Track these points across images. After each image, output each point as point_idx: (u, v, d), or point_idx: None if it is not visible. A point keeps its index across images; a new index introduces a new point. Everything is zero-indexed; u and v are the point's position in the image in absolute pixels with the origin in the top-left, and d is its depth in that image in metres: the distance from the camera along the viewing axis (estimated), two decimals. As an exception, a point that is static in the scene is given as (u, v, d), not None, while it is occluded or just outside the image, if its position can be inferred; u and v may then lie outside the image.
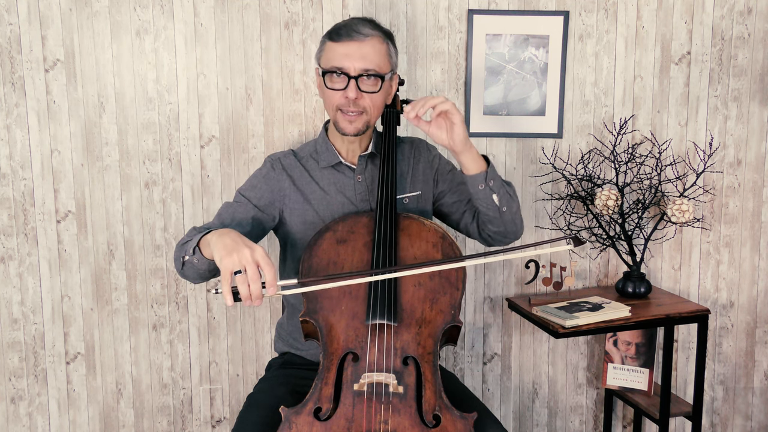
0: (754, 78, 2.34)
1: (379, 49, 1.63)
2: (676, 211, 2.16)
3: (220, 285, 1.35)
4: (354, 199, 1.76)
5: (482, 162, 1.66)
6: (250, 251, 1.36)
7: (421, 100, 1.57)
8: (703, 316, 2.13)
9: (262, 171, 1.79)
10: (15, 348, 2.22)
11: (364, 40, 1.61)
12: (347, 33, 1.62)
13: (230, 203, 1.74)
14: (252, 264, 1.35)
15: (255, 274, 1.35)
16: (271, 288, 1.37)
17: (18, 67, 2.10)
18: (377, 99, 1.66)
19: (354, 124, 1.66)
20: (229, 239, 1.41)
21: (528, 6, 2.24)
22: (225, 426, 2.34)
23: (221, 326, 2.29)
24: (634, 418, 2.44)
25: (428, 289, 1.56)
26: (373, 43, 1.62)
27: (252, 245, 1.38)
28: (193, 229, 1.65)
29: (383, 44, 1.65)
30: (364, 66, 1.61)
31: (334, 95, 1.65)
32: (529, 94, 2.27)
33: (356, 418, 1.45)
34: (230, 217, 1.71)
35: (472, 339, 2.39)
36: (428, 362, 1.51)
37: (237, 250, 1.36)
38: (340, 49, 1.62)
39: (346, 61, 1.61)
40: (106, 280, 2.22)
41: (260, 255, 1.37)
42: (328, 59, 1.64)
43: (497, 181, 1.66)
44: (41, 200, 2.16)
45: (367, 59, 1.61)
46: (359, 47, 1.61)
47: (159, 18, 2.13)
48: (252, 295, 1.35)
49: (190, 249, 1.53)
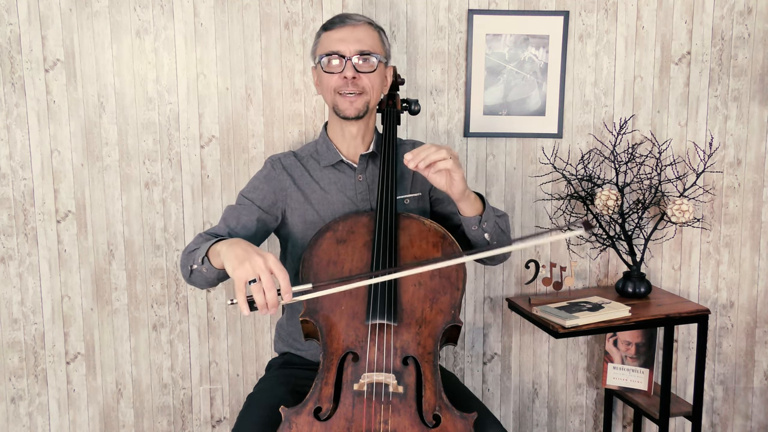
0: (754, 78, 2.34)
1: (371, 34, 1.70)
2: (676, 211, 2.16)
3: (235, 296, 1.35)
4: (355, 198, 1.76)
5: (479, 205, 1.65)
6: (262, 259, 1.36)
7: (423, 152, 1.50)
8: (703, 316, 2.13)
9: (262, 172, 1.79)
10: (15, 348, 2.22)
11: (357, 25, 1.69)
12: (341, 20, 1.69)
13: (234, 206, 1.75)
14: (266, 272, 1.35)
15: (269, 282, 1.35)
16: (286, 294, 1.36)
17: (18, 67, 2.10)
18: (375, 79, 1.70)
19: (354, 105, 1.69)
20: (239, 249, 1.41)
21: (528, 6, 2.24)
22: (225, 426, 2.34)
23: (221, 326, 2.29)
24: (634, 418, 2.44)
25: (428, 289, 1.56)
26: (366, 28, 1.70)
27: (263, 253, 1.38)
28: (200, 236, 1.66)
29: (375, 31, 1.72)
30: (359, 48, 1.67)
31: (331, 78, 1.68)
32: (529, 94, 2.27)
33: (356, 418, 1.45)
34: (235, 221, 1.72)
35: (472, 339, 2.39)
36: (428, 362, 1.51)
37: (249, 259, 1.36)
38: (334, 35, 1.68)
39: (341, 45, 1.67)
40: (106, 280, 2.22)
41: (273, 262, 1.36)
42: (324, 47, 1.70)
43: (491, 222, 1.67)
44: (41, 200, 2.16)
45: (362, 41, 1.67)
46: (353, 31, 1.68)
47: (159, 18, 2.13)
48: (268, 304, 1.35)
49: (199, 258, 1.53)
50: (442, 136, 2.27)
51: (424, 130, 2.26)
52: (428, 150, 1.51)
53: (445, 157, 1.50)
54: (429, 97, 2.25)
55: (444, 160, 1.50)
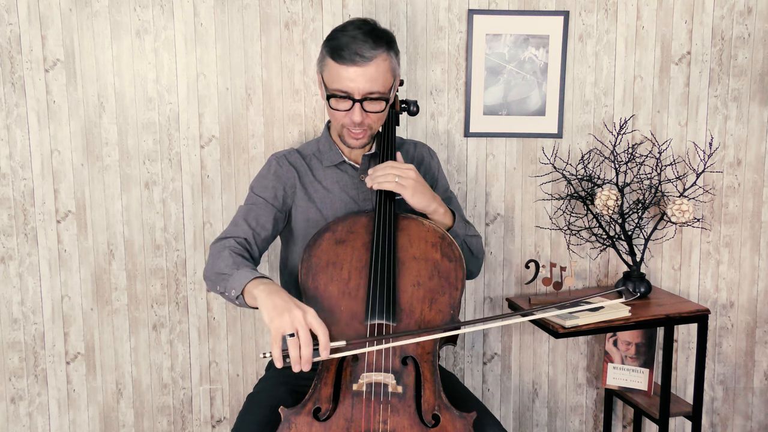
0: (754, 78, 2.34)
1: (383, 70, 1.60)
2: (676, 211, 2.16)
3: (269, 348, 1.34)
4: (357, 198, 1.77)
5: (448, 220, 1.70)
6: (302, 313, 1.35)
7: (379, 173, 1.61)
8: (703, 316, 2.13)
9: (270, 169, 1.78)
10: (15, 348, 2.22)
11: (367, 64, 1.58)
12: (350, 57, 1.57)
13: (249, 206, 1.73)
14: (305, 328, 1.34)
15: (307, 338, 1.34)
16: (324, 351, 1.36)
17: (18, 67, 2.10)
18: (382, 116, 1.69)
19: (360, 140, 1.69)
20: (279, 299, 1.39)
21: (528, 6, 2.24)
22: (225, 426, 2.34)
23: (221, 326, 2.29)
24: (634, 418, 2.44)
25: (427, 289, 1.56)
26: (377, 63, 1.59)
27: (303, 307, 1.38)
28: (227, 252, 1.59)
29: (386, 61, 1.61)
30: (369, 89, 1.60)
31: (338, 114, 1.65)
32: (529, 94, 2.27)
33: (355, 418, 1.45)
34: (255, 221, 1.70)
35: (472, 339, 2.39)
36: (427, 362, 1.51)
37: (289, 312, 1.35)
38: (343, 72, 1.59)
39: (351, 84, 1.59)
40: (106, 280, 2.22)
41: (312, 317, 1.36)
42: (332, 79, 1.61)
43: (459, 239, 1.70)
44: (41, 200, 2.16)
45: (372, 82, 1.59)
46: (363, 72, 1.58)
47: (159, 18, 2.13)
48: (302, 359, 1.34)
49: (232, 292, 1.50)
50: (442, 136, 2.27)
51: (424, 130, 2.26)
52: (383, 169, 1.61)
53: (389, 180, 1.59)
54: (429, 97, 2.25)
55: (388, 182, 1.59)
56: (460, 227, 1.72)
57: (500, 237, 2.34)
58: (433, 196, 1.66)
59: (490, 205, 2.33)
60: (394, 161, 1.65)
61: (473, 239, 1.77)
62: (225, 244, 1.63)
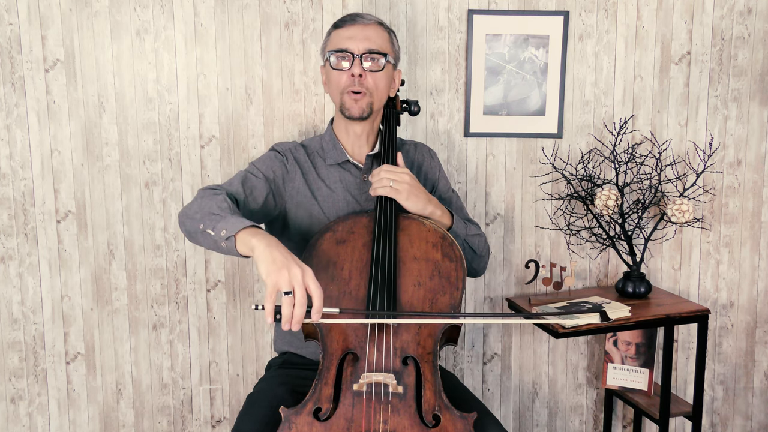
0: (754, 78, 2.34)
1: (381, 34, 1.72)
2: (676, 211, 2.16)
3: (262, 301, 1.32)
4: (359, 198, 1.77)
5: (447, 221, 1.71)
6: (301, 272, 1.31)
7: (374, 178, 1.64)
8: (703, 316, 2.13)
9: (276, 157, 1.77)
10: (15, 348, 2.22)
11: (367, 24, 1.71)
12: (351, 18, 1.72)
13: (248, 174, 1.70)
14: (302, 287, 1.31)
15: (303, 297, 1.30)
16: (316, 315, 1.32)
17: (18, 67, 2.10)
18: (380, 80, 1.71)
19: (359, 104, 1.70)
20: (278, 254, 1.34)
21: (528, 6, 2.24)
22: (225, 426, 2.34)
23: (221, 326, 2.29)
24: (634, 418, 2.44)
25: (428, 289, 1.56)
26: (376, 27, 1.72)
27: (303, 266, 1.33)
28: (218, 196, 1.53)
29: (385, 31, 1.74)
30: (368, 46, 1.69)
31: (340, 76, 1.69)
32: (529, 94, 2.27)
33: (356, 418, 1.45)
34: (250, 190, 1.67)
35: (472, 339, 2.39)
36: (428, 362, 1.51)
37: (288, 268, 1.31)
38: (344, 33, 1.71)
39: (351, 43, 1.69)
40: (106, 280, 2.22)
41: (310, 278, 1.32)
42: (333, 44, 1.72)
43: (459, 239, 1.72)
44: (41, 200, 2.16)
45: (370, 40, 1.69)
46: (363, 29, 1.70)
47: (159, 18, 2.13)
48: (293, 319, 1.31)
49: (222, 232, 1.42)
50: (442, 136, 2.27)
51: (424, 130, 2.27)
52: (376, 175, 1.64)
53: (384, 186, 1.62)
54: (429, 97, 2.25)
55: (382, 187, 1.62)
56: (460, 227, 1.72)
57: (500, 237, 2.34)
58: (428, 199, 1.66)
59: (490, 205, 2.33)
60: (389, 165, 1.66)
61: (475, 238, 1.77)
62: (219, 191, 1.57)
